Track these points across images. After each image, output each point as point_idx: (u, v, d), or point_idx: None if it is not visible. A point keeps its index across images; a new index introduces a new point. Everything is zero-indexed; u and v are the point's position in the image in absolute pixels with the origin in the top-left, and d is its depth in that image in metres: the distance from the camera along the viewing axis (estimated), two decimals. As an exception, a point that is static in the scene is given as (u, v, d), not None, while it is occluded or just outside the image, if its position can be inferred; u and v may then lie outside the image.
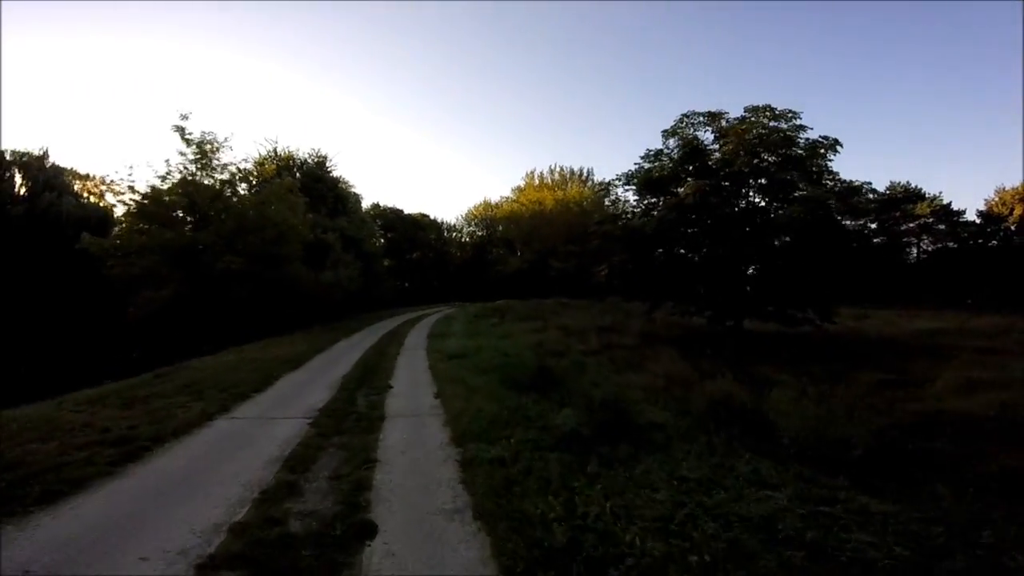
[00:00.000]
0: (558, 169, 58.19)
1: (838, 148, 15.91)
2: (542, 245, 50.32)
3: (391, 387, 10.40)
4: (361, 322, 26.77)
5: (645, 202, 18.31)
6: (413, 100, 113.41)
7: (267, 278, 22.01)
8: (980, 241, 48.19)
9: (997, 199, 50.64)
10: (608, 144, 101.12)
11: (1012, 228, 47.22)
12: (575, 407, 7.74)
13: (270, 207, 21.68)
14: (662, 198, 17.78)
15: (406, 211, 69.72)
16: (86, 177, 40.41)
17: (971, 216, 50.01)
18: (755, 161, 15.54)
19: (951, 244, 50.96)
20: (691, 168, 17.31)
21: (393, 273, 63.29)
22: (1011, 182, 50.79)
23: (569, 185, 56.31)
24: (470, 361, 13.44)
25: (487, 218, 66.77)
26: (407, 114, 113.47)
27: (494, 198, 68.65)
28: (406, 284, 68.05)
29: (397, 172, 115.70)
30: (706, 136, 17.65)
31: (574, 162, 74.29)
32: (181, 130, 20.84)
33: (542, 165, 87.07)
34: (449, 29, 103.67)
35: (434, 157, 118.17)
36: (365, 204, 63.18)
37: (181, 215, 21.04)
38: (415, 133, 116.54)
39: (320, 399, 9.28)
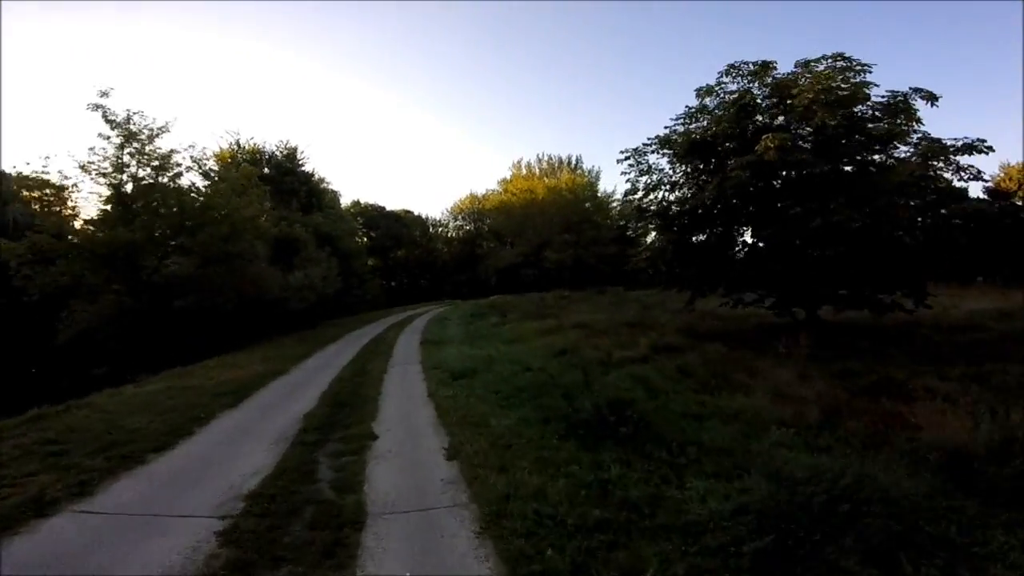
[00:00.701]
0: (546, 158, 54.61)
1: (935, 102, 12.47)
2: (536, 236, 46.68)
3: (375, 437, 6.65)
4: (341, 328, 22.87)
5: (684, 169, 14.66)
6: (392, 95, 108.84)
7: (220, 282, 18.02)
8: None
9: (1003, 175, 47.96)
10: (593, 134, 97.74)
11: (1020, 203, 44.40)
12: (714, 478, 4.16)
13: (217, 198, 17.64)
14: (705, 164, 14.21)
15: (388, 208, 65.67)
16: (44, 184, 35.85)
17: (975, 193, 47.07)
18: (828, 120, 11.98)
19: (956, 221, 48.10)
20: (749, 126, 13.76)
21: (378, 273, 59.27)
22: (1014, 158, 47.93)
23: (559, 173, 52.73)
24: (483, 381, 9.83)
25: (474, 211, 62.88)
26: (386, 109, 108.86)
27: (479, 191, 64.91)
28: (392, 283, 64.04)
29: (378, 169, 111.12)
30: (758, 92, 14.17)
31: (560, 151, 70.91)
32: (102, 110, 16.69)
33: (528, 156, 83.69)
34: (426, 21, 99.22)
35: (416, 152, 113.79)
36: (345, 201, 59.18)
37: (109, 210, 16.93)
38: (395, 128, 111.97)
39: (255, 468, 5.54)
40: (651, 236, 17.83)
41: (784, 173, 12.52)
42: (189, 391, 9.95)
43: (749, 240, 14.27)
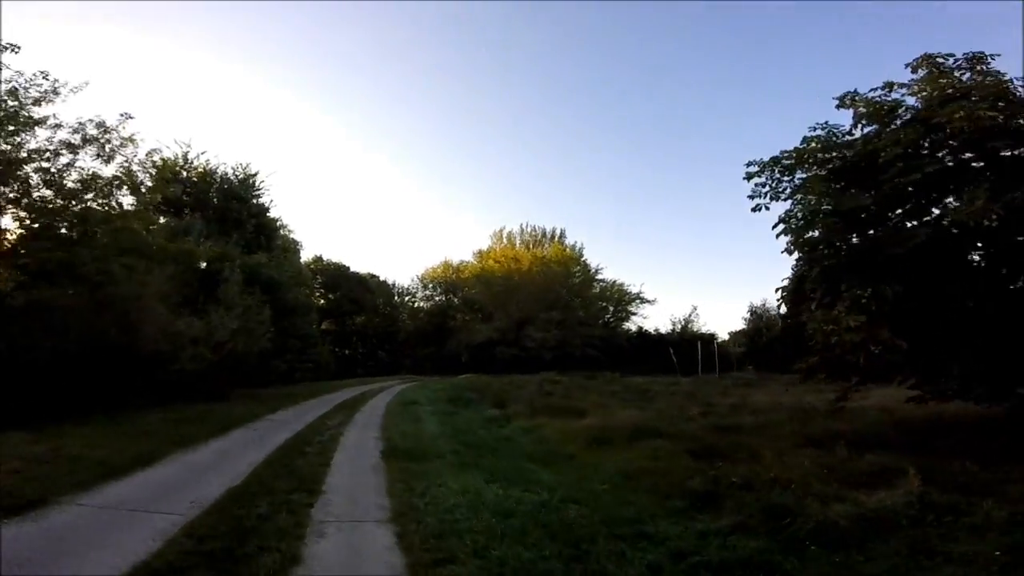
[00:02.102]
0: (530, 228, 49.85)
1: None
2: (518, 311, 40.51)
3: None
4: (259, 404, 14.91)
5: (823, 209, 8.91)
6: (371, 152, 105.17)
7: (64, 314, 10.52)
8: None
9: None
10: (576, 209, 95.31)
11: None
12: None
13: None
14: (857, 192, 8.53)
15: (353, 269, 58.59)
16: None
17: None
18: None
19: None
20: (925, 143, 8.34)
21: (331, 338, 50.89)
22: None
23: (544, 244, 47.76)
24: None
25: (447, 281, 56.55)
26: (362, 166, 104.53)
27: (454, 260, 59.09)
28: (346, 352, 55.31)
29: (346, 228, 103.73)
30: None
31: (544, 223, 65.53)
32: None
33: (511, 225, 79.00)
34: (413, 80, 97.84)
35: (389, 215, 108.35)
36: (306, 256, 52.13)
37: None
38: (369, 188, 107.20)
39: None
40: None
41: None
42: None
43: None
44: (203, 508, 5.42)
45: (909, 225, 8.41)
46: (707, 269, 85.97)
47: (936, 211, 8.49)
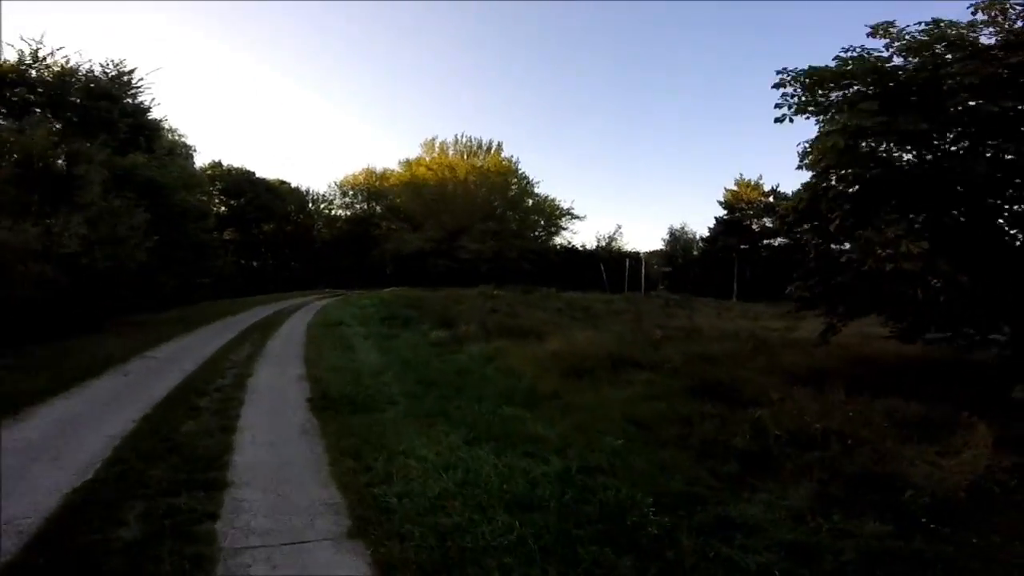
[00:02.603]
0: (465, 139, 45.13)
1: None
2: (452, 221, 37.49)
3: None
4: (126, 340, 11.28)
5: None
6: (280, 69, 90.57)
7: None
8: None
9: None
10: (506, 122, 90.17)
11: None
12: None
13: None
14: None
15: (259, 175, 51.42)
16: None
17: None
18: None
19: None
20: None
21: (237, 249, 45.39)
22: None
23: (482, 156, 43.65)
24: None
25: (370, 188, 51.26)
26: (273, 80, 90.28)
27: (378, 168, 53.31)
28: (254, 264, 50.07)
29: (254, 136, 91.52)
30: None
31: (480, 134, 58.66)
32: None
33: (444, 135, 72.14)
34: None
35: (303, 130, 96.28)
36: (202, 159, 44.78)
37: None
38: (280, 100, 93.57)
39: None
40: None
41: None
42: None
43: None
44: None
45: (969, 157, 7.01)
46: (630, 190, 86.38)
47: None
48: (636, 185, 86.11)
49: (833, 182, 8.24)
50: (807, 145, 8.74)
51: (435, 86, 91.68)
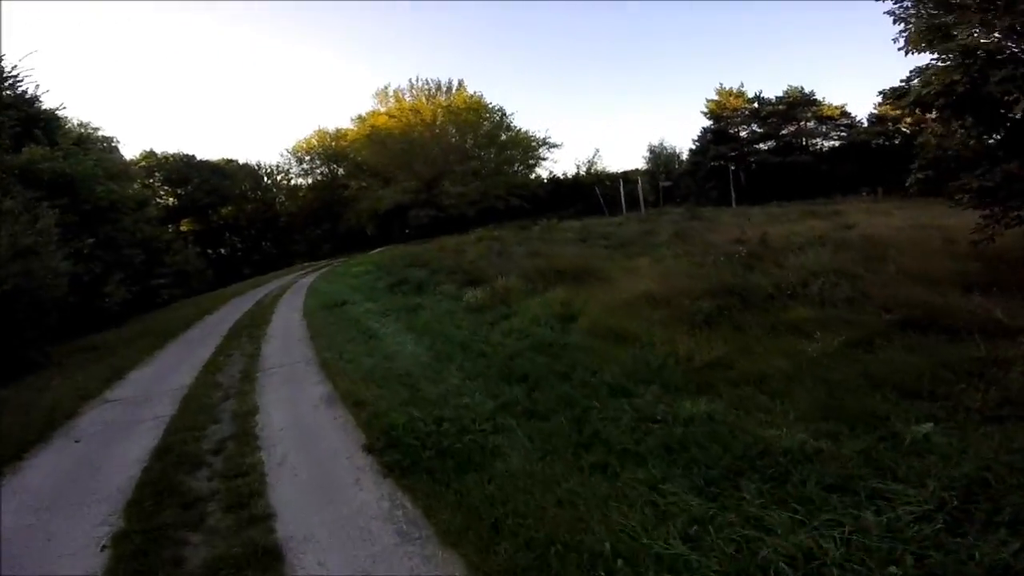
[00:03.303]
0: (421, 82, 39.55)
1: None
2: (428, 168, 33.53)
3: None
4: (70, 381, 7.97)
5: None
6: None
7: None
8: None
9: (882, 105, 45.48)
10: (461, 59, 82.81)
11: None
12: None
13: None
14: None
15: (200, 158, 45.99)
16: None
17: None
18: None
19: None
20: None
21: (200, 240, 41.14)
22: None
23: (441, 97, 38.52)
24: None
25: (327, 150, 46.16)
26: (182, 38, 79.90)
27: (330, 128, 47.77)
28: (221, 251, 45.83)
29: (186, 120, 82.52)
30: None
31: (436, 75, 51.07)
32: None
33: (397, 81, 64.36)
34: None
35: (235, 94, 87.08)
36: (131, 152, 39.68)
37: None
38: (199, 66, 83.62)
39: None
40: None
41: None
42: None
43: None
44: None
45: None
46: (600, 112, 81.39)
47: None
48: (607, 106, 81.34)
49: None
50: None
51: (375, 28, 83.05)
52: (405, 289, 12.42)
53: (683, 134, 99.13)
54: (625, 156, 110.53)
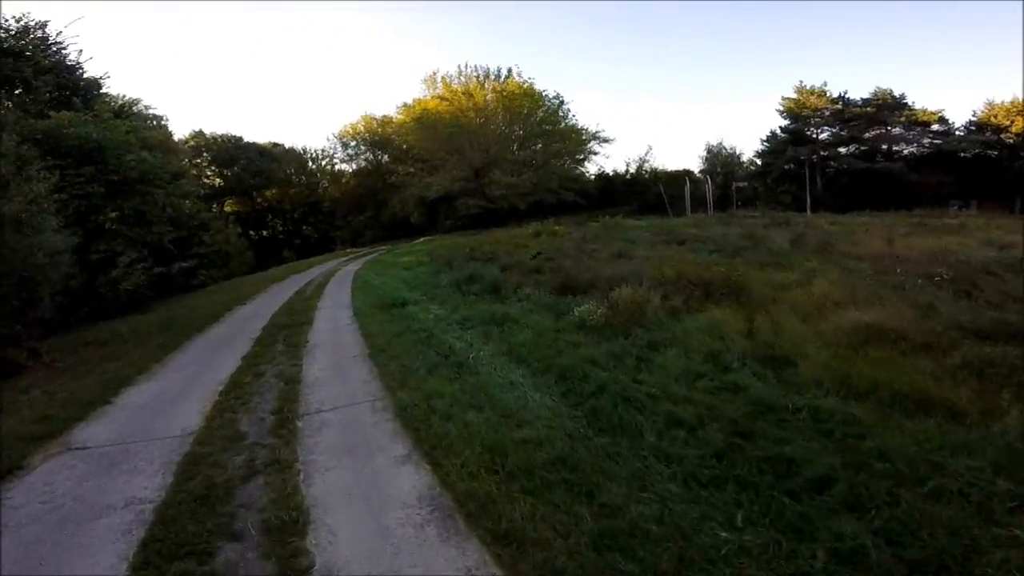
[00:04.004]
0: (470, 69, 35.99)
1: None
2: (479, 156, 31.00)
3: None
4: (40, 406, 6.41)
5: None
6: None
7: None
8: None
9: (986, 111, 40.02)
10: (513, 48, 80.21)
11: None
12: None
13: None
14: None
15: (248, 140, 45.13)
16: None
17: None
18: None
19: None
20: None
21: (243, 221, 40.06)
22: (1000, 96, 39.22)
23: (499, 82, 35.55)
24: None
25: (374, 135, 44.18)
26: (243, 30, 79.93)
27: (377, 115, 45.80)
28: (264, 233, 44.76)
29: (237, 103, 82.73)
30: None
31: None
32: None
33: (446, 68, 61.24)
34: None
35: (286, 84, 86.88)
36: (182, 129, 38.91)
37: None
38: (256, 51, 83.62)
39: None
40: None
41: None
42: None
43: None
44: None
45: None
46: (653, 108, 77.33)
47: None
48: (660, 103, 77.22)
49: None
50: None
51: (426, 17, 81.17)
52: (476, 290, 9.89)
53: (742, 134, 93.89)
54: (675, 155, 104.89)
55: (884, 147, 34.24)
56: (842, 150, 34.74)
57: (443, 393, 4.60)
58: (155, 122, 27.71)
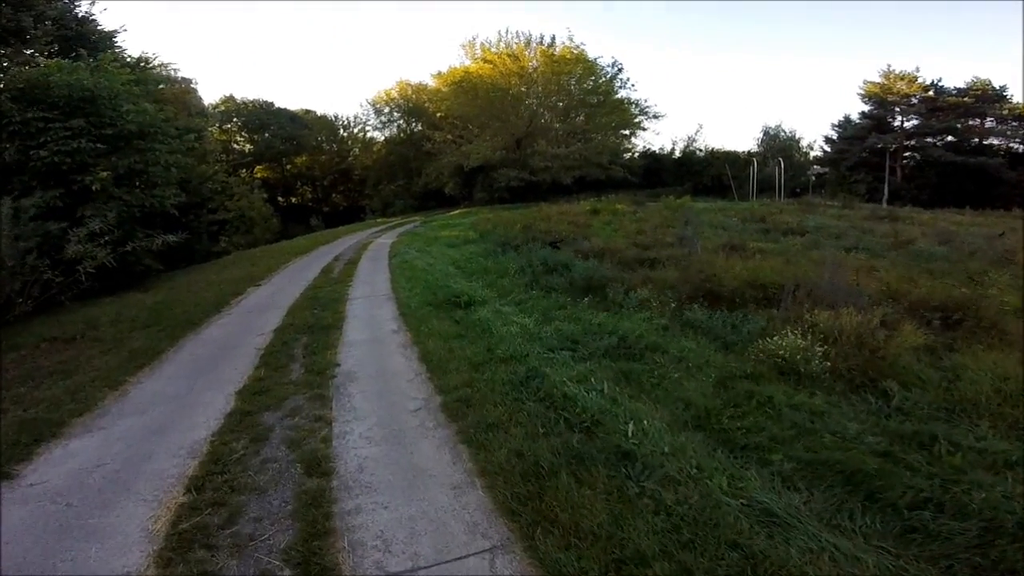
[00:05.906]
0: (511, 34, 32.04)
1: None
2: (521, 124, 27.76)
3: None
4: None
5: None
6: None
7: None
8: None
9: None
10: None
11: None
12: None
13: None
14: None
15: (279, 106, 42.51)
16: None
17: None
18: None
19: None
20: None
21: (272, 187, 37.88)
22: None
23: (547, 48, 31.58)
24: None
25: (408, 101, 40.93)
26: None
27: (412, 81, 42.36)
28: (292, 200, 42.62)
29: (268, 68, 79.72)
30: None
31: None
32: None
33: (485, 34, 56.21)
34: None
35: (316, 47, 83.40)
36: (211, 97, 36.73)
37: None
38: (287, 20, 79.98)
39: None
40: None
41: None
42: None
43: None
44: None
45: None
46: (708, 86, 71.67)
47: None
48: (711, 79, 71.58)
49: None
50: None
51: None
52: (559, 284, 7.17)
53: (797, 117, 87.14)
54: (725, 135, 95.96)
55: (975, 141, 29.90)
56: (930, 140, 30.45)
57: (638, 545, 1.95)
58: (182, 85, 25.26)
